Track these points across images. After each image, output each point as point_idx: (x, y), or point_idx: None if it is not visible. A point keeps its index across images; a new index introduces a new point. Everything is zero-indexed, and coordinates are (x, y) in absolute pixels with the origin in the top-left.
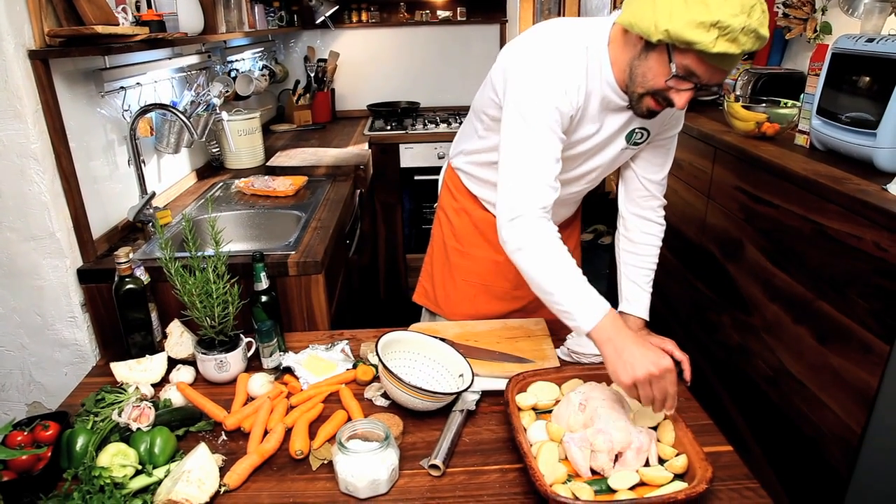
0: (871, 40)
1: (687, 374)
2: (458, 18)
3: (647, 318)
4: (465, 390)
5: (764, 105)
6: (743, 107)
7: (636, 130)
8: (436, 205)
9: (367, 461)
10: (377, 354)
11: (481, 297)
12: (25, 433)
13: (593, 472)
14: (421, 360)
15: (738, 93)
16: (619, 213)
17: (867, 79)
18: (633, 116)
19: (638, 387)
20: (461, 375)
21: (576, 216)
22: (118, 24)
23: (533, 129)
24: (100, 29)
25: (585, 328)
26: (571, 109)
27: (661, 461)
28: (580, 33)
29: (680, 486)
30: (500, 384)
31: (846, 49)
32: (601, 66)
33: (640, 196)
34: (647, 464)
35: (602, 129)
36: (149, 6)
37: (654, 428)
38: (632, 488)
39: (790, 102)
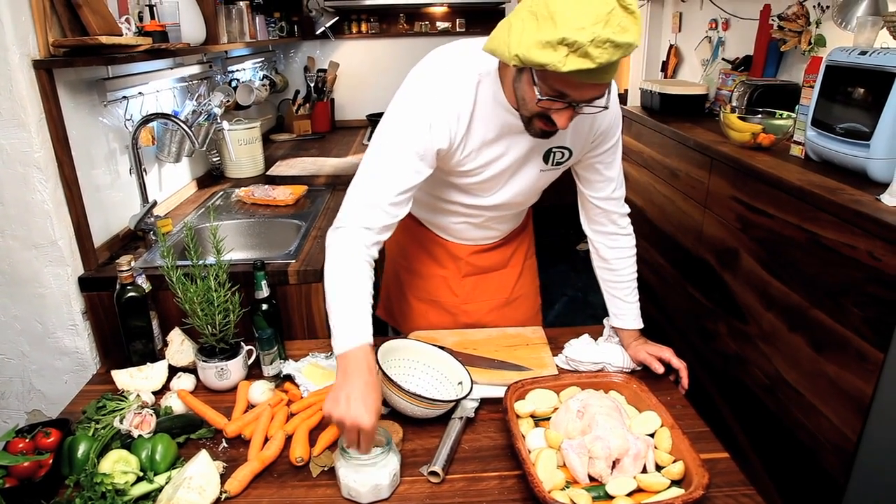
0: (863, 53)
1: (684, 382)
2: (457, 29)
3: (640, 327)
4: (464, 398)
5: (759, 116)
6: (739, 118)
7: (554, 151)
8: None
9: (369, 467)
10: (377, 362)
11: (432, 312)
12: (27, 440)
13: (591, 478)
14: (420, 367)
15: (734, 104)
16: (586, 234)
17: (861, 90)
18: None
19: (333, 420)
20: (460, 383)
21: (524, 227)
22: (121, 35)
23: (383, 156)
24: (104, 39)
25: (336, 350)
26: (440, 143)
27: (659, 468)
28: (474, 59)
29: (677, 492)
30: (498, 392)
31: (840, 61)
32: (494, 92)
33: (595, 215)
34: (644, 470)
35: (509, 152)
36: (152, 17)
37: (652, 435)
38: (629, 494)
39: (785, 114)
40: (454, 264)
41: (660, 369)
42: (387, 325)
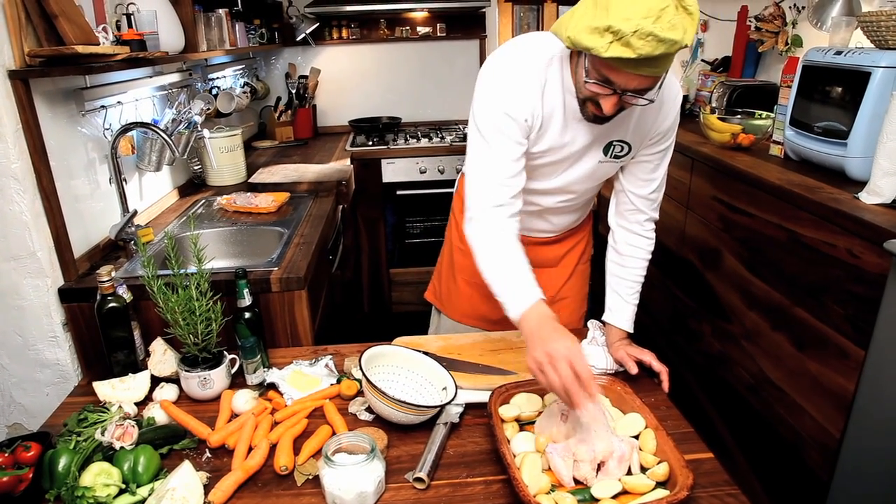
0: (839, 53)
1: (665, 386)
2: (438, 34)
3: (631, 331)
4: (449, 403)
5: (739, 116)
6: (718, 118)
7: (614, 143)
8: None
9: (354, 474)
10: (360, 369)
11: (477, 297)
12: (6, 454)
13: (576, 481)
14: (404, 373)
15: (713, 105)
16: (609, 225)
17: (837, 90)
18: (608, 129)
19: (547, 366)
20: (444, 388)
21: (581, 229)
22: (99, 44)
23: (484, 137)
24: (80, 49)
25: (512, 316)
26: (527, 115)
27: (643, 469)
28: (548, 46)
29: (662, 493)
30: (483, 396)
31: (816, 61)
32: (562, 75)
33: (626, 209)
34: (629, 472)
35: (575, 140)
36: (129, 25)
37: (636, 437)
38: (614, 497)
39: (764, 114)
40: None
41: (633, 370)
42: (430, 309)
